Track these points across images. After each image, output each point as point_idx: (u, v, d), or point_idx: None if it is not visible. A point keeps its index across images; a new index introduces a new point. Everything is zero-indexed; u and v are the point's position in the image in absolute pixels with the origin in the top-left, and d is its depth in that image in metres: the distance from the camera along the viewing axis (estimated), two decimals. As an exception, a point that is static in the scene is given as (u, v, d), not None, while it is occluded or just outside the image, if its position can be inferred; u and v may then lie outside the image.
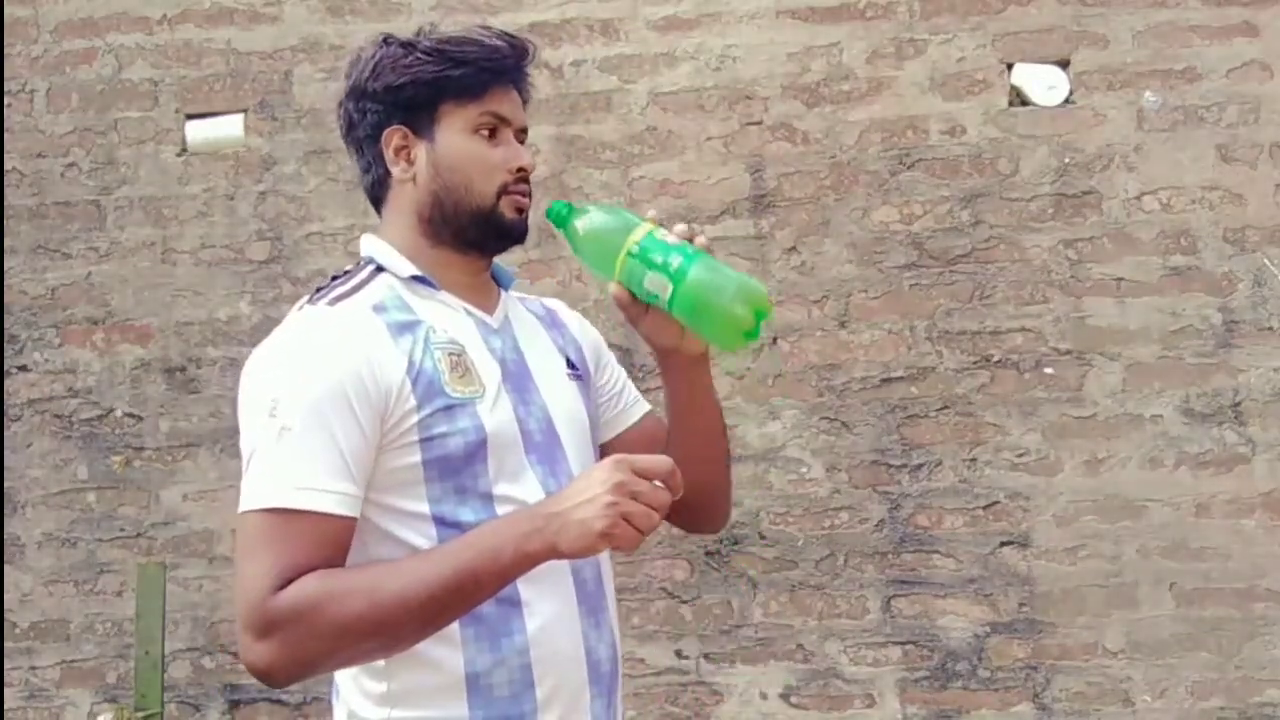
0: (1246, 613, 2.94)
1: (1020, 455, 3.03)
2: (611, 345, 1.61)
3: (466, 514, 1.28)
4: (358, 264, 1.40)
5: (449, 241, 1.39)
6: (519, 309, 1.49)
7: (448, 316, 1.36)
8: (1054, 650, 2.98)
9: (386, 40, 1.40)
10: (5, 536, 3.26)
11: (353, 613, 1.18)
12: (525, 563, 1.21)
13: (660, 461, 1.20)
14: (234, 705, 3.18)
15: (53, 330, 3.31)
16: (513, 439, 1.32)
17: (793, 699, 3.04)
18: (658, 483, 1.18)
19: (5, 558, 3.25)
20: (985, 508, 3.03)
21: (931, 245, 3.10)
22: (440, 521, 1.28)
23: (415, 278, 1.37)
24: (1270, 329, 3.00)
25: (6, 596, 3.24)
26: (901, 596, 3.04)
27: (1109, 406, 3.02)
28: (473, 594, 1.21)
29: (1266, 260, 3.02)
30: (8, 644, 3.24)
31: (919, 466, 3.06)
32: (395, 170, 1.39)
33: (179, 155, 3.33)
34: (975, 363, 3.07)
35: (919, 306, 3.09)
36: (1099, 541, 2.99)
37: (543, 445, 1.36)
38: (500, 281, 1.46)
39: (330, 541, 1.22)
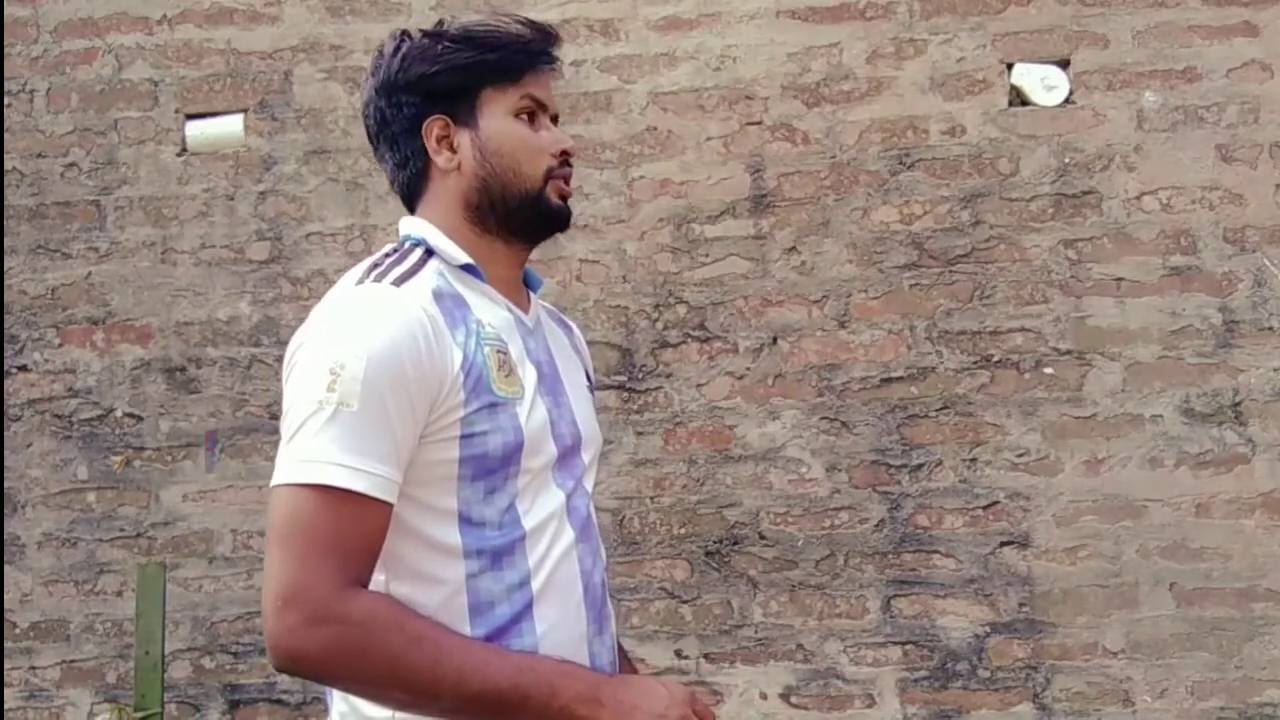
0: (1246, 613, 2.94)
1: (1020, 455, 3.03)
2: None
3: (491, 514, 1.27)
4: (400, 244, 1.36)
5: (495, 229, 1.37)
6: (546, 314, 1.48)
7: (493, 312, 1.34)
8: (1054, 650, 2.98)
9: (406, 34, 1.38)
10: (5, 536, 3.26)
11: (410, 659, 1.17)
12: (565, 716, 1.22)
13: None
14: (234, 705, 3.18)
15: (53, 330, 3.31)
16: (545, 445, 1.31)
17: (793, 699, 3.04)
18: None
19: (5, 558, 3.25)
20: (985, 508, 3.03)
21: (931, 245, 3.10)
22: (465, 520, 1.26)
23: (466, 267, 1.34)
24: (1270, 329, 3.00)
25: (6, 596, 3.24)
26: (901, 596, 3.04)
27: (1109, 406, 3.02)
28: (513, 712, 1.21)
29: (1266, 260, 3.02)
30: (8, 644, 3.24)
31: (919, 466, 3.06)
32: (439, 160, 1.36)
33: (179, 155, 3.33)
34: (975, 363, 3.07)
35: (919, 306, 3.09)
36: (1099, 541, 2.99)
37: (568, 454, 1.35)
38: (530, 284, 1.44)
39: (379, 528, 1.20)
